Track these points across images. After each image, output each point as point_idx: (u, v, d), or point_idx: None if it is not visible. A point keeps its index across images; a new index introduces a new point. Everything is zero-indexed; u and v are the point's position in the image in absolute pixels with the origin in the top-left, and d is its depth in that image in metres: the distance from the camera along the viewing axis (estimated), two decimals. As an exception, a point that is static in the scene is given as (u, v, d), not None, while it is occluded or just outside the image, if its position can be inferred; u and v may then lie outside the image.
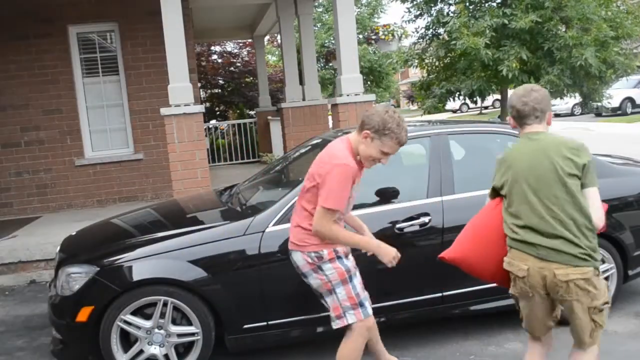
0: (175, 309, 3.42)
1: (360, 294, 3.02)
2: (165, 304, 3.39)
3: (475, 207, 3.75)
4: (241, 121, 13.96)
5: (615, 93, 17.36)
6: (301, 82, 10.63)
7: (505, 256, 2.72)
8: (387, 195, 3.82)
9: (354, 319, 2.98)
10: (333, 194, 2.83)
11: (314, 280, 3.02)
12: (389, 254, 2.99)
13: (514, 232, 2.65)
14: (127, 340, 3.45)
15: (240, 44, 18.34)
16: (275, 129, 12.23)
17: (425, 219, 3.70)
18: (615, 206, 4.09)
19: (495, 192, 2.80)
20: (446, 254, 2.89)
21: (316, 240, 2.96)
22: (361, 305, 3.01)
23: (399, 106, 53.66)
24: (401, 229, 3.66)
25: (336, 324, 3.02)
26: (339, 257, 2.99)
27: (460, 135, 4.19)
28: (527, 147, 2.67)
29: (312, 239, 2.98)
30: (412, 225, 3.68)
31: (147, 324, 3.40)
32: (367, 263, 3.20)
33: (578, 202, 2.53)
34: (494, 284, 3.34)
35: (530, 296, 2.67)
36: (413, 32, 11.30)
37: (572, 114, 25.21)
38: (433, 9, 10.14)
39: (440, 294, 3.77)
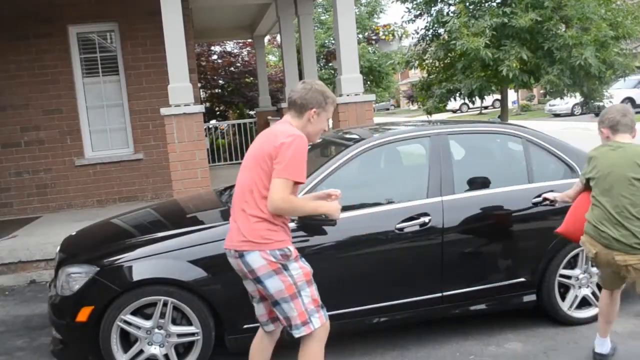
0: (175, 309, 3.42)
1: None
2: (165, 304, 3.39)
3: (475, 207, 3.79)
4: (241, 121, 13.96)
5: (615, 93, 17.26)
6: (301, 82, 10.62)
7: None
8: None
9: (319, 323, 2.74)
10: (294, 164, 2.62)
11: (274, 284, 2.69)
12: (338, 209, 2.89)
13: (589, 220, 3.23)
14: (127, 340, 3.45)
15: (240, 44, 18.34)
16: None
17: (425, 219, 3.70)
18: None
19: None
20: (559, 228, 3.50)
21: (283, 235, 2.72)
22: (322, 306, 2.80)
23: (399, 106, 53.67)
24: (401, 229, 3.66)
25: (301, 332, 2.73)
26: (300, 256, 2.80)
27: (460, 135, 4.18)
28: (615, 152, 3.18)
29: (277, 234, 2.71)
30: (412, 225, 3.68)
31: (147, 324, 3.40)
32: (366, 263, 3.21)
33: (637, 202, 3.06)
34: (495, 284, 3.37)
35: (601, 268, 3.38)
36: (413, 33, 11.27)
37: (572, 114, 25.22)
38: (433, 9, 10.14)
39: (440, 294, 3.77)
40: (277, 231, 2.71)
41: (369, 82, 22.69)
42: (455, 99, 10.59)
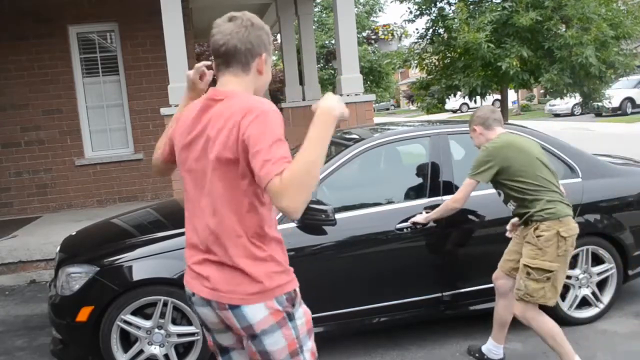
0: (175, 308, 3.42)
1: None
2: (165, 304, 3.39)
3: (475, 207, 3.79)
4: (241, 121, 13.92)
5: (615, 93, 17.36)
6: (301, 82, 10.64)
7: None
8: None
9: None
10: (283, 148, 1.66)
11: (276, 340, 1.84)
12: (335, 103, 1.75)
13: (564, 201, 3.19)
14: (127, 340, 3.45)
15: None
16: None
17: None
18: (615, 206, 4.10)
19: None
20: None
21: (289, 270, 1.90)
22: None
23: (399, 106, 53.65)
24: (401, 229, 3.66)
25: None
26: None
27: (460, 135, 4.18)
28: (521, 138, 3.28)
29: (284, 273, 1.87)
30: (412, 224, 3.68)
31: (147, 323, 3.40)
32: (366, 265, 3.21)
33: None
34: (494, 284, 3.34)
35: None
36: (414, 32, 11.30)
37: (572, 114, 25.22)
38: (433, 8, 10.15)
39: (440, 294, 3.77)
40: (283, 267, 1.88)
41: (369, 82, 22.70)
42: (455, 96, 10.59)
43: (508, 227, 3.47)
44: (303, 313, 1.92)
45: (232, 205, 1.79)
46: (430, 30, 10.28)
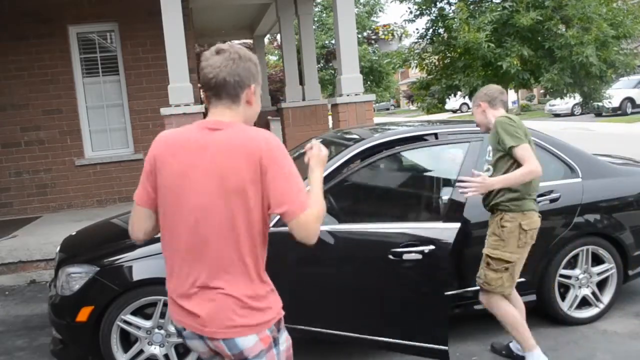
0: (175, 309, 3.42)
1: None
2: (165, 304, 3.38)
3: (476, 206, 3.78)
4: (241, 121, 13.93)
5: (615, 93, 17.35)
6: (301, 82, 10.63)
7: None
8: None
9: None
10: (299, 182, 1.81)
11: None
12: (321, 154, 2.07)
13: (532, 194, 3.25)
14: (127, 340, 3.45)
15: (240, 44, 18.37)
16: (275, 129, 12.23)
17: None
18: (615, 206, 4.10)
19: None
20: None
21: (276, 296, 1.94)
22: None
23: (399, 106, 53.66)
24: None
25: None
26: None
27: (460, 135, 4.17)
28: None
29: (274, 300, 1.91)
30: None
31: (147, 323, 3.40)
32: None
33: None
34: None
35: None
36: (414, 32, 11.31)
37: (572, 114, 25.22)
38: (433, 8, 10.15)
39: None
40: (274, 294, 1.93)
41: (369, 82, 22.70)
42: (455, 96, 10.60)
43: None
44: (285, 338, 1.95)
45: (241, 236, 1.81)
46: (431, 30, 10.29)
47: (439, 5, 10.17)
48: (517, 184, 3.09)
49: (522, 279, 3.86)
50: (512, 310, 3.27)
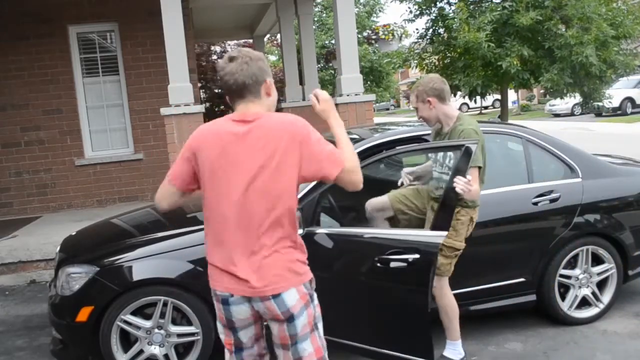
0: (175, 309, 3.42)
1: None
2: (165, 304, 3.39)
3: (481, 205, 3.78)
4: (241, 121, 13.93)
5: (615, 93, 17.34)
6: (301, 82, 10.63)
7: None
8: None
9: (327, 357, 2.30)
10: (330, 148, 2.17)
11: (303, 320, 2.16)
12: (324, 99, 2.37)
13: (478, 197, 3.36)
14: (127, 340, 3.45)
15: (241, 44, 18.34)
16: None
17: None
18: (615, 206, 4.10)
19: None
20: None
21: (304, 253, 2.23)
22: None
23: (399, 106, 53.68)
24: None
25: None
26: None
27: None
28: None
29: (303, 255, 2.22)
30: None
31: (147, 324, 3.40)
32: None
33: None
34: (494, 284, 3.33)
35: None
36: (414, 32, 11.31)
37: (572, 114, 25.23)
38: (433, 8, 10.15)
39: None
40: (306, 255, 2.23)
41: (369, 82, 22.68)
42: (455, 96, 10.59)
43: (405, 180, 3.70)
44: (316, 296, 2.23)
45: (281, 207, 2.11)
46: (430, 30, 10.27)
47: (439, 5, 10.15)
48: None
49: (522, 279, 3.89)
50: (453, 300, 3.44)
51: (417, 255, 2.85)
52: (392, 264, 2.92)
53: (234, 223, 2.11)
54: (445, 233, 2.94)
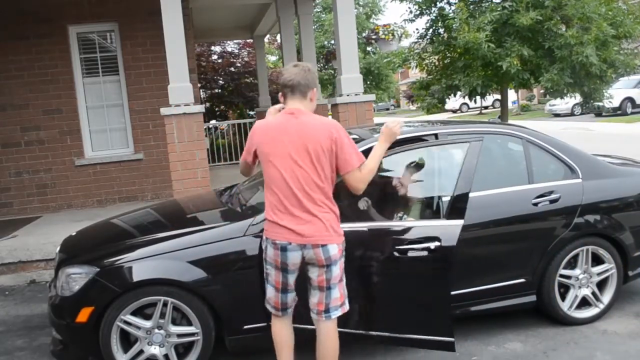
0: (175, 309, 3.42)
1: None
2: (165, 304, 3.39)
3: (475, 207, 3.78)
4: (241, 121, 13.96)
5: (615, 93, 17.32)
6: (301, 82, 10.61)
7: None
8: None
9: (347, 305, 3.05)
10: (355, 149, 2.98)
11: (337, 269, 2.96)
12: (393, 129, 3.18)
13: None
14: (127, 341, 3.45)
15: (241, 44, 18.35)
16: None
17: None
18: (615, 206, 4.10)
19: None
20: None
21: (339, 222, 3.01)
22: None
23: (399, 106, 53.68)
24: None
25: (337, 313, 3.00)
26: None
27: (460, 136, 4.17)
28: None
29: (339, 221, 3.00)
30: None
31: (147, 324, 3.40)
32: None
33: None
34: (495, 285, 3.32)
35: None
36: (414, 32, 11.30)
37: (572, 114, 25.23)
38: (433, 8, 10.15)
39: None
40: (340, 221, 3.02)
41: (368, 83, 22.69)
42: (455, 96, 10.59)
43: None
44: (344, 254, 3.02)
45: (320, 185, 2.90)
46: (430, 30, 10.28)
47: (439, 5, 10.16)
48: None
49: (522, 280, 3.89)
50: None
51: (438, 243, 3.21)
52: (411, 253, 3.25)
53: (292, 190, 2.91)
54: (459, 221, 3.25)
